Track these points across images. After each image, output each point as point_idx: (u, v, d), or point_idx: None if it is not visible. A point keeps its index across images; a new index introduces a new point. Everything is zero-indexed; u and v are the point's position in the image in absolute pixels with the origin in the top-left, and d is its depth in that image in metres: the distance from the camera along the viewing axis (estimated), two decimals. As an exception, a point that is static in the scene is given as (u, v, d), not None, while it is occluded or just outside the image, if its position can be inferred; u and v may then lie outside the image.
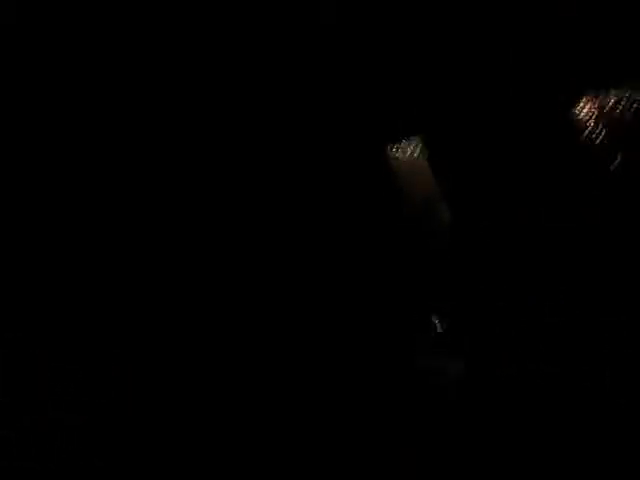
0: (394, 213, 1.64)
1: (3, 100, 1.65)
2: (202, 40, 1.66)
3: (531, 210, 1.64)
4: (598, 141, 1.61)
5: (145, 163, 1.67)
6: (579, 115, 1.64)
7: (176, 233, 1.66)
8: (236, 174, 1.68)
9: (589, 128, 1.62)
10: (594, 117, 1.62)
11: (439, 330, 1.61)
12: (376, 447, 1.54)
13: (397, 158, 1.64)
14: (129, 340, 1.62)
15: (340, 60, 1.67)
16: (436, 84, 1.67)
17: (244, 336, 1.62)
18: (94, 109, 1.67)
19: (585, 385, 1.55)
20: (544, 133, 1.65)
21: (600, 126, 1.61)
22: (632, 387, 1.54)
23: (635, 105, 1.59)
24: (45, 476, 1.51)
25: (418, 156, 1.65)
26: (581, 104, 1.64)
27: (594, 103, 1.63)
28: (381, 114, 1.67)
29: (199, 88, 1.68)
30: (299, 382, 1.59)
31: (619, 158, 1.59)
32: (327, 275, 1.64)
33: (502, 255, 1.63)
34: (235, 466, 1.53)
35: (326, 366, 1.60)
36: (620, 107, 1.60)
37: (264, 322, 1.62)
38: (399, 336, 1.62)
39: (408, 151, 1.65)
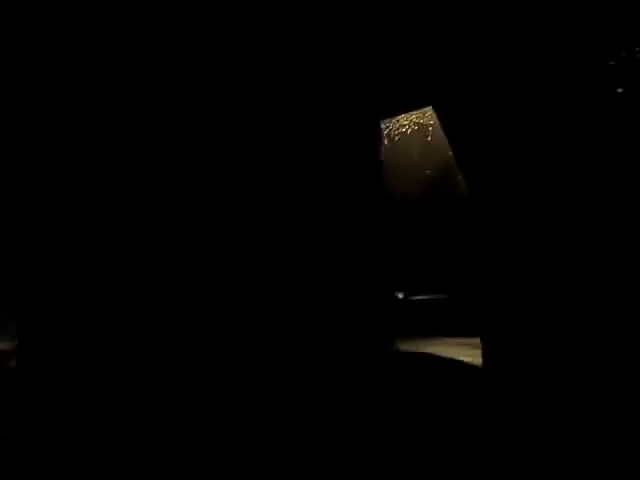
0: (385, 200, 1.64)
1: (3, 100, 1.65)
2: (202, 40, 1.66)
3: (531, 210, 1.64)
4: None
5: (145, 163, 1.67)
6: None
7: (175, 234, 1.66)
8: (236, 167, 1.68)
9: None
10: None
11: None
12: (376, 447, 1.54)
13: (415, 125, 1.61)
14: (129, 340, 1.62)
15: (341, 59, 1.67)
16: (435, 85, 1.67)
17: (242, 336, 1.62)
18: (94, 109, 1.67)
19: (585, 385, 1.55)
20: (543, 133, 1.65)
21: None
22: (632, 387, 1.54)
23: None
24: (45, 476, 1.52)
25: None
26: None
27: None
28: (382, 89, 1.67)
29: (199, 88, 1.68)
30: (298, 382, 1.59)
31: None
32: (322, 267, 1.64)
33: (502, 255, 1.63)
34: (235, 466, 1.53)
35: (324, 365, 1.60)
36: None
37: (261, 321, 1.62)
38: (393, 334, 1.62)
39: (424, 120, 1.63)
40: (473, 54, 1.65)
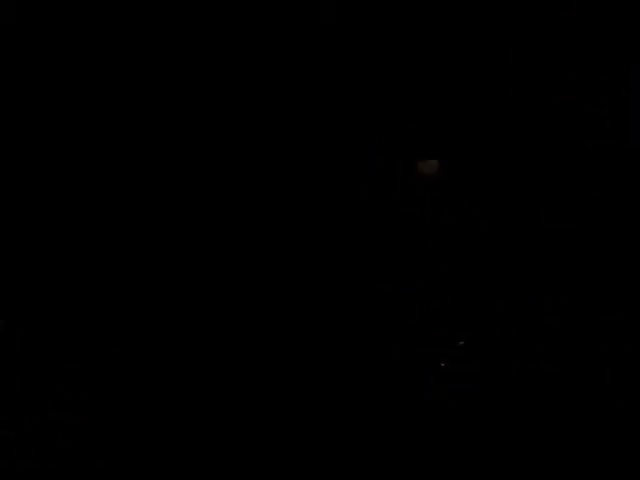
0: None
1: (3, 100, 1.65)
2: (201, 40, 1.66)
3: (531, 210, 1.64)
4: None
5: (144, 163, 1.67)
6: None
7: (175, 233, 1.66)
8: (236, 174, 1.68)
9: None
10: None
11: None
12: (376, 447, 1.54)
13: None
14: (129, 340, 1.62)
15: (340, 61, 1.67)
16: (436, 84, 1.67)
17: (244, 336, 1.62)
18: (94, 109, 1.67)
19: (585, 385, 1.55)
20: (543, 133, 1.65)
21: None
22: (632, 387, 1.54)
23: None
24: (45, 476, 1.51)
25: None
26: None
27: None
28: (382, 115, 1.67)
29: (198, 88, 1.68)
30: (298, 382, 1.59)
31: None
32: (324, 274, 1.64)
33: (502, 255, 1.63)
34: (235, 466, 1.53)
35: (324, 365, 1.60)
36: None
37: (265, 322, 1.62)
38: (395, 335, 1.62)
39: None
40: (472, 52, 1.65)
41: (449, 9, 1.65)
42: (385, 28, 1.67)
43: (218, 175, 1.67)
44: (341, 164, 1.67)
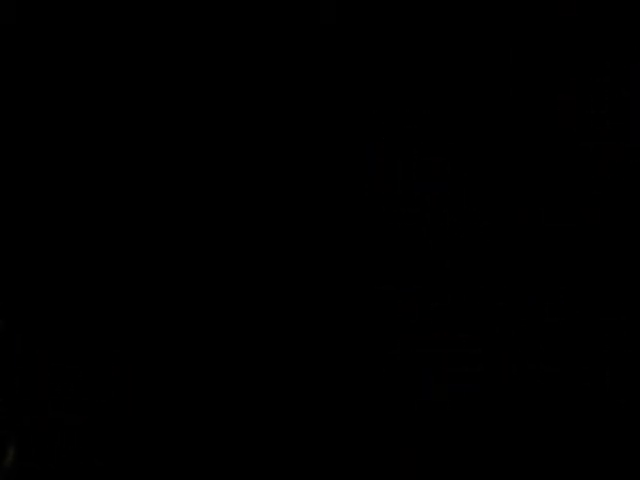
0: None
1: (3, 100, 1.65)
2: (201, 40, 1.67)
3: (531, 210, 1.64)
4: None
5: (145, 163, 1.68)
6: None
7: (175, 233, 1.66)
8: (236, 174, 1.68)
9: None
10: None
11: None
12: (376, 447, 1.54)
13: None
14: (129, 340, 1.62)
15: (340, 61, 1.67)
16: (435, 84, 1.67)
17: (244, 336, 1.62)
18: (94, 109, 1.68)
19: (585, 385, 1.55)
20: (543, 133, 1.65)
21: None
22: (632, 387, 1.54)
23: None
24: (45, 476, 1.52)
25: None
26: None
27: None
28: (382, 112, 1.67)
29: (198, 88, 1.68)
30: (297, 382, 1.59)
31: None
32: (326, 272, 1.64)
33: (502, 255, 1.63)
34: (235, 466, 1.53)
35: (323, 365, 1.61)
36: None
37: (264, 322, 1.62)
38: (396, 334, 1.62)
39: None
40: (472, 52, 1.65)
41: (449, 9, 1.65)
42: (385, 28, 1.67)
43: (217, 175, 1.67)
44: (341, 164, 1.67)
